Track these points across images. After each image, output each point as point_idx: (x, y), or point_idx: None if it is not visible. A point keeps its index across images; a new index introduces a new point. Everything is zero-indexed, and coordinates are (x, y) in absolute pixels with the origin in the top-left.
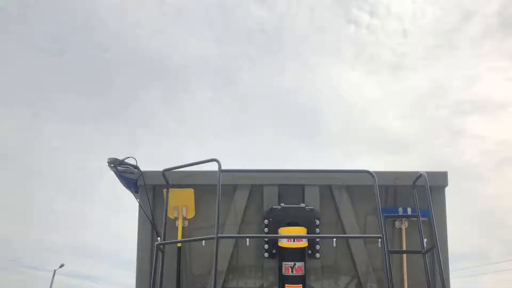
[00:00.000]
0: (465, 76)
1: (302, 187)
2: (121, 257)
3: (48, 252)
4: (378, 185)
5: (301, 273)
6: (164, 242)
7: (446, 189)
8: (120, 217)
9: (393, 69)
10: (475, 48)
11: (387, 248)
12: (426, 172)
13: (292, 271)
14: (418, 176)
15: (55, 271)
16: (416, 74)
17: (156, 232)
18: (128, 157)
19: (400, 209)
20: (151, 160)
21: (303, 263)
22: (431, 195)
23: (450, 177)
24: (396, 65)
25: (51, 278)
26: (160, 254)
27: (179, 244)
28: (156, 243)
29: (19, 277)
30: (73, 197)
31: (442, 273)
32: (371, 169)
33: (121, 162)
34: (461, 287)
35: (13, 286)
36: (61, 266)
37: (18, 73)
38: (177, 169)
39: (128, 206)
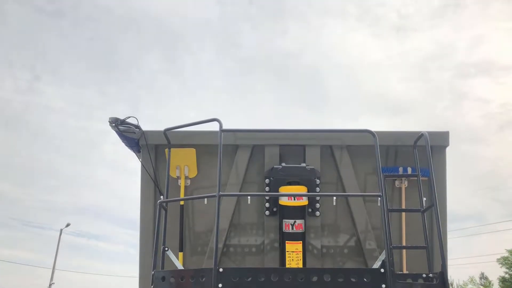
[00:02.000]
0: (471, 37)
1: (303, 147)
2: (125, 216)
3: (54, 212)
4: (379, 145)
5: (301, 230)
6: (166, 200)
7: (447, 149)
8: (123, 178)
9: (398, 31)
10: (483, 8)
11: (386, 206)
12: (427, 132)
13: (292, 229)
14: (419, 135)
15: (61, 230)
16: (421, 36)
17: (159, 191)
18: (129, 117)
19: (401, 169)
20: (153, 121)
21: (303, 221)
22: (431, 155)
23: (451, 140)
24: (400, 27)
25: (58, 237)
26: (163, 212)
27: (181, 203)
28: (159, 201)
29: (27, 236)
30: (76, 158)
31: (440, 232)
32: (372, 130)
33: (123, 122)
34: (459, 247)
35: (22, 245)
36: (67, 225)
37: (15, 33)
38: (179, 129)
39: (130, 167)
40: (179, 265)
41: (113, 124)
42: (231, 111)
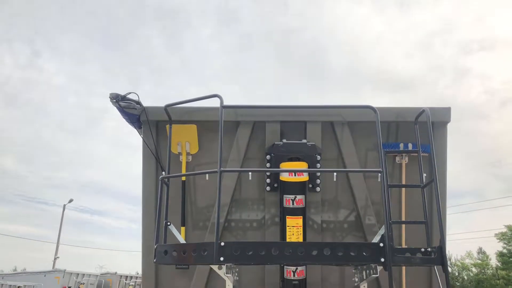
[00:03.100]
0: (475, 12)
1: (304, 123)
2: (128, 192)
3: (57, 188)
4: (380, 121)
5: (301, 205)
6: (168, 175)
7: (449, 125)
8: (125, 154)
9: (401, 6)
10: None
11: (387, 182)
12: (429, 108)
13: (293, 204)
14: (420, 111)
15: (64, 206)
16: (425, 11)
17: (161, 167)
18: (129, 93)
19: (401, 145)
20: (153, 97)
21: (303, 196)
22: (433, 131)
23: (453, 116)
24: (404, 2)
25: (61, 212)
26: (165, 187)
27: (183, 178)
28: (160, 177)
29: (31, 212)
30: (78, 135)
31: (439, 207)
32: (373, 106)
33: (123, 98)
34: (458, 222)
35: (26, 220)
36: (70, 201)
37: (14, 7)
38: (180, 105)
39: (132, 143)
40: (181, 239)
41: (114, 100)
42: (232, 87)
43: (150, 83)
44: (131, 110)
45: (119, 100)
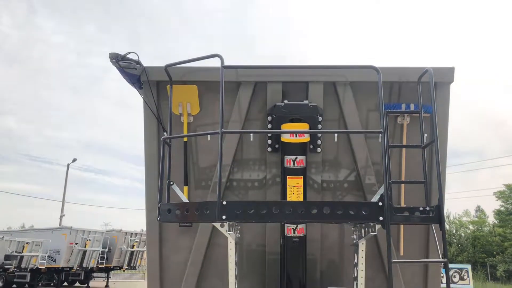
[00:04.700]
0: None
1: (306, 84)
2: (131, 152)
3: (60, 148)
4: (383, 82)
5: (302, 166)
6: (170, 136)
7: (452, 85)
8: (127, 114)
9: None
10: None
11: (387, 142)
12: (432, 68)
13: (293, 164)
14: (424, 71)
15: (68, 165)
16: None
17: (162, 127)
18: (129, 52)
19: (403, 105)
20: (154, 57)
21: (304, 157)
22: (435, 91)
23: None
24: None
25: (65, 172)
26: (167, 148)
27: (185, 139)
28: (162, 137)
29: (35, 171)
30: (79, 94)
31: (439, 167)
32: (376, 65)
33: (123, 58)
34: (458, 182)
35: (32, 179)
36: (74, 160)
37: None
38: (180, 65)
39: (134, 103)
40: (184, 198)
41: (114, 60)
42: (233, 46)
43: (150, 42)
44: (131, 70)
45: (118, 60)
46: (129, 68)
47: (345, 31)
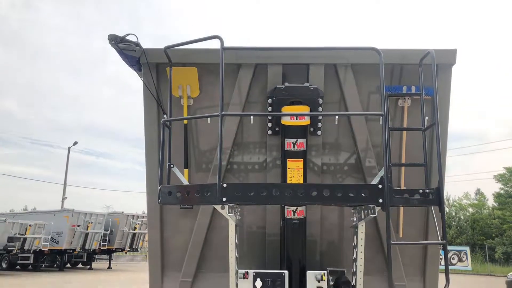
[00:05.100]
0: None
1: (306, 66)
2: (131, 135)
3: (61, 131)
4: (384, 64)
5: (302, 149)
6: (170, 119)
7: (454, 67)
8: (128, 96)
9: None
10: None
11: (388, 125)
12: (434, 50)
13: (294, 147)
14: (426, 53)
15: (69, 148)
16: None
17: (162, 110)
18: (128, 34)
19: (404, 88)
20: (155, 39)
21: (304, 139)
22: (437, 73)
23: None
24: None
25: (66, 155)
26: (167, 130)
27: (185, 122)
28: (162, 120)
29: (36, 154)
30: (79, 77)
31: (440, 149)
32: (378, 47)
33: (122, 39)
34: (459, 165)
35: (33, 162)
36: (75, 143)
37: None
38: (180, 47)
39: (134, 85)
40: (184, 181)
41: (113, 42)
42: (234, 28)
43: (150, 24)
44: (130, 52)
45: (117, 42)
46: (128, 50)
47: (346, 14)
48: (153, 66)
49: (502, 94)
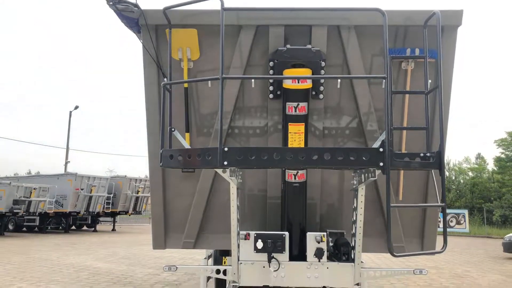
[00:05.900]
0: None
1: (309, 27)
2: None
3: (62, 95)
4: (389, 25)
5: (304, 113)
6: (170, 82)
7: (459, 29)
8: (127, 59)
9: None
10: None
11: (390, 88)
12: (440, 11)
13: (295, 111)
14: (431, 14)
15: (70, 112)
16: None
17: (162, 73)
18: None
19: (408, 50)
20: (154, 0)
21: (306, 103)
22: (442, 35)
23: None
24: None
25: (67, 119)
26: (167, 94)
27: (185, 85)
28: (162, 83)
29: (37, 119)
30: (78, 39)
31: (442, 113)
32: (382, 8)
33: (120, 0)
34: (461, 131)
35: (33, 127)
36: (76, 108)
37: None
38: (179, 8)
39: (134, 48)
40: (186, 144)
41: (111, 3)
42: None
43: None
44: (129, 14)
45: (116, 3)
46: (127, 11)
47: None
48: (152, 28)
49: (506, 62)
